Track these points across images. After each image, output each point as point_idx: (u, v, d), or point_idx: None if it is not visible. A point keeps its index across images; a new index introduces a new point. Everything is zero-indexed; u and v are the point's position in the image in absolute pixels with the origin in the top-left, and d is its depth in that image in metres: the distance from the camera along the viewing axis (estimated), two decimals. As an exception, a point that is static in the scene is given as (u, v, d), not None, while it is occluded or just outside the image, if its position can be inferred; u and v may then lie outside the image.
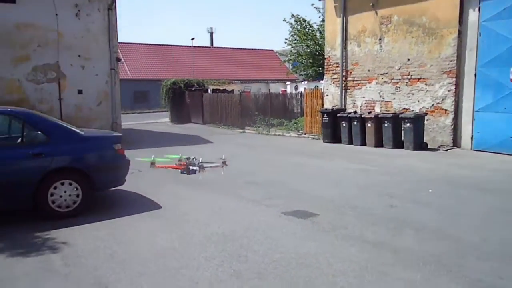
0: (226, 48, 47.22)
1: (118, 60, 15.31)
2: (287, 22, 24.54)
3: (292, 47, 25.07)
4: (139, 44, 41.68)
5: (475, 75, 10.63)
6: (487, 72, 10.37)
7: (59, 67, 13.75)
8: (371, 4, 12.88)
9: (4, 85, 12.87)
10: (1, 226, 5.42)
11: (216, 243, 4.78)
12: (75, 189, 5.83)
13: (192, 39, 37.13)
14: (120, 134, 6.68)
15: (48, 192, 5.62)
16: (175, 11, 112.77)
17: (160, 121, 24.92)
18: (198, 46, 42.71)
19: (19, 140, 5.84)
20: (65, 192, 5.75)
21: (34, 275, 4.01)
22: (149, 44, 42.55)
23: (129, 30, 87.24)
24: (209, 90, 23.55)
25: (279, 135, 16.32)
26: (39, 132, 5.88)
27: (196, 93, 23.22)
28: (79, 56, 14.07)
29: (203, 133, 17.93)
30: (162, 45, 43.18)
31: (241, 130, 18.43)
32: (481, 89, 10.55)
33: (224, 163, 6.89)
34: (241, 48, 47.63)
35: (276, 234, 5.04)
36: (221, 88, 24.19)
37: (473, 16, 10.55)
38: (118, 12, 14.92)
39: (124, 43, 38.08)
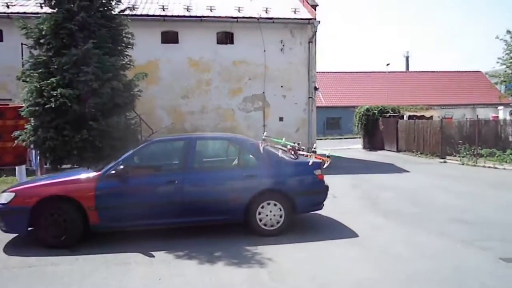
0: (424, 72, 44.50)
1: (316, 89, 16.11)
2: (500, 40, 21.65)
3: (507, 66, 21.91)
4: (333, 72, 43.02)
5: None
6: None
7: (265, 97, 15.31)
8: None
9: (222, 113, 15.04)
10: (219, 237, 6.23)
11: (420, 281, 4.44)
12: (279, 210, 6.28)
13: (387, 64, 36.35)
14: (320, 161, 6.92)
15: (257, 211, 6.22)
16: (370, 38, 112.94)
17: (352, 147, 24.96)
18: (393, 72, 41.51)
19: (235, 162, 6.67)
20: (270, 211, 6.26)
21: (246, 285, 4.45)
22: (343, 72, 43.48)
23: (325, 59, 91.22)
24: (404, 117, 22.54)
25: (489, 167, 14.32)
26: (251, 156, 6.59)
27: (390, 120, 22.50)
28: (281, 86, 15.40)
29: (398, 161, 17.13)
30: (356, 72, 43.55)
31: (441, 160, 16.88)
32: None
33: (328, 157, 6.36)
34: (441, 71, 44.12)
35: (493, 283, 4.37)
36: (418, 115, 22.81)
37: None
38: (317, 44, 15.79)
39: (319, 72, 39.98)
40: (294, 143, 7.07)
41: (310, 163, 6.46)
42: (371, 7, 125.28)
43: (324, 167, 6.54)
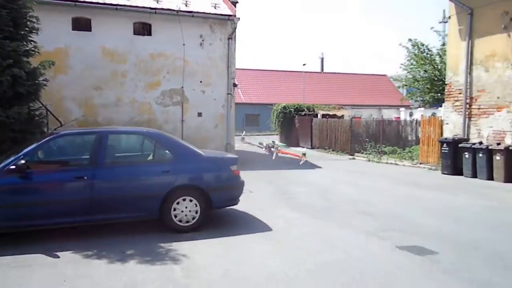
0: (337, 73, 47.05)
1: (235, 85, 16.24)
2: (403, 47, 23.70)
3: (408, 72, 24.04)
4: (252, 69, 43.74)
5: None
6: None
7: (183, 92, 15.05)
8: (502, 26, 11.80)
9: (139, 107, 14.51)
10: (132, 234, 6.03)
11: (327, 271, 4.70)
12: (195, 205, 6.25)
13: (304, 64, 37.92)
14: (236, 156, 7.02)
15: (172, 207, 6.13)
16: (288, 38, 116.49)
17: (269, 144, 25.59)
18: (309, 72, 43.31)
19: (150, 157, 6.50)
20: (186, 207, 6.21)
21: (159, 282, 4.36)
22: (262, 70, 44.39)
23: (244, 56, 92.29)
24: (318, 115, 23.67)
25: (391, 163, 15.60)
26: (167, 151, 6.47)
27: (305, 118, 23.48)
28: (200, 81, 15.25)
29: (311, 157, 17.89)
30: (274, 70, 44.70)
31: (351, 156, 18.03)
32: None
33: (304, 155, 7.09)
34: (353, 73, 47.04)
35: (390, 269, 4.78)
36: (331, 113, 24.15)
37: None
38: (237, 41, 15.92)
39: (238, 68, 40.44)
40: (273, 142, 7.31)
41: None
42: (289, 9, 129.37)
43: (301, 163, 6.74)
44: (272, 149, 6.78)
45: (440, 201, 8.72)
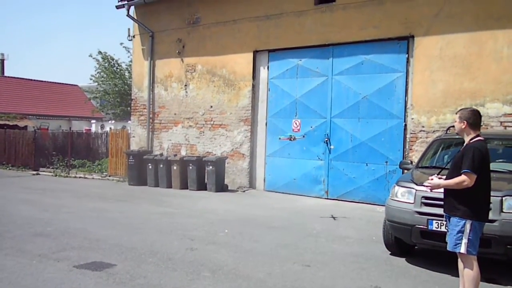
0: (21, 78, 41.90)
1: None
2: (93, 58, 23.55)
3: (98, 84, 24.03)
4: None
5: (266, 124, 12.10)
6: (275, 122, 11.95)
7: None
8: (177, 52, 13.48)
9: None
10: None
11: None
12: None
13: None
14: None
15: None
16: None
17: None
18: (-16, 73, 36.83)
19: None
20: None
21: None
22: None
23: None
24: (-5, 125, 20.42)
25: (80, 177, 15.12)
26: None
27: (-23, 128, 19.75)
28: None
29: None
30: None
31: (35, 172, 16.39)
32: (271, 137, 12.03)
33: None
34: (40, 81, 42.99)
35: (65, 293, 4.53)
36: (11, 124, 21.36)
37: (263, 73, 12.12)
38: None
39: None
40: None
41: None
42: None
43: None
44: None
45: (123, 212, 9.03)
